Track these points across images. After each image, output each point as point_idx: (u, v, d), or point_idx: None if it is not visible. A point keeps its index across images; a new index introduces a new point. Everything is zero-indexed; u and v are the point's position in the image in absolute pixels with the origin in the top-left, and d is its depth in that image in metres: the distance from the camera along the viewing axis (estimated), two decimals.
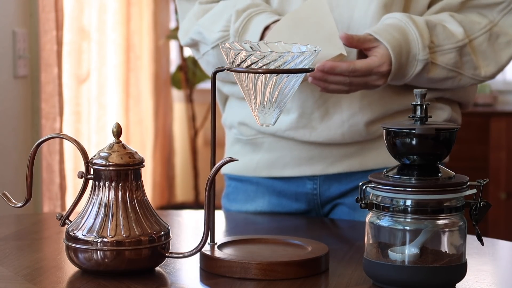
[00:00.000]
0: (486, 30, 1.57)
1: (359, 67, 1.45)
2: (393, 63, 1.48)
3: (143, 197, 1.24)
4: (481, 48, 1.57)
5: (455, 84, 1.58)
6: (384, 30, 1.49)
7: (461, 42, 1.54)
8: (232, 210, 1.73)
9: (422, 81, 1.54)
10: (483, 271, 1.29)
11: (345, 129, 1.58)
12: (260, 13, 1.55)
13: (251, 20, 1.55)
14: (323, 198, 1.66)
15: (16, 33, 2.69)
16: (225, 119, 1.73)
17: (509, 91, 4.79)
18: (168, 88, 4.65)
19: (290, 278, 1.21)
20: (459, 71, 1.55)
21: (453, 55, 1.54)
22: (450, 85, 1.58)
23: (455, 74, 1.55)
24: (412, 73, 1.51)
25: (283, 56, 1.19)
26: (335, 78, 1.45)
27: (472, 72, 1.57)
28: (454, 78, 1.56)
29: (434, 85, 1.57)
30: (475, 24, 1.57)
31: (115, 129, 1.24)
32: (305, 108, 1.59)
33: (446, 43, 1.53)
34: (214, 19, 1.60)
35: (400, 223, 1.15)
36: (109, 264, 1.20)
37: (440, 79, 1.55)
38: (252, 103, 1.24)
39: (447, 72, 1.54)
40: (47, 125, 2.86)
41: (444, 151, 1.17)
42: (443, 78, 1.55)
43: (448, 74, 1.55)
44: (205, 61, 1.65)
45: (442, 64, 1.53)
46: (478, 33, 1.57)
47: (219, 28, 1.58)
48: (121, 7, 3.99)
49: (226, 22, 1.57)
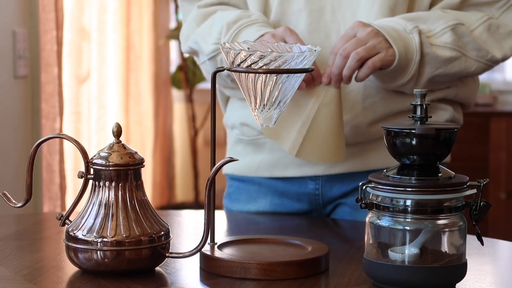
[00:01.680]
0: (483, 21, 1.57)
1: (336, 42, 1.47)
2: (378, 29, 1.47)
3: (143, 197, 1.24)
4: (482, 37, 1.56)
5: (463, 68, 1.55)
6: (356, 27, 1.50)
7: (452, 21, 1.53)
8: (234, 210, 1.73)
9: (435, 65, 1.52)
10: (483, 271, 1.29)
11: (348, 130, 1.58)
12: (250, 25, 1.55)
13: (240, 33, 1.55)
14: (325, 198, 1.66)
15: (16, 33, 2.69)
16: (227, 119, 1.73)
17: (509, 91, 4.79)
18: (168, 88, 4.65)
19: (290, 278, 1.21)
20: (462, 51, 1.54)
21: (448, 34, 1.53)
22: (458, 68, 1.55)
23: (459, 54, 1.54)
24: (415, 44, 1.50)
25: (283, 56, 1.19)
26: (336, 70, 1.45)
27: (475, 53, 1.55)
28: (459, 58, 1.54)
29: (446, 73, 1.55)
30: (471, 16, 1.57)
31: (115, 129, 1.24)
32: None
33: (437, 26, 1.53)
34: (209, 30, 1.60)
35: (400, 223, 1.15)
36: (109, 264, 1.20)
37: (447, 58, 1.53)
38: (252, 103, 1.24)
39: (450, 51, 1.53)
40: (47, 125, 2.86)
41: (444, 151, 1.17)
42: (448, 57, 1.53)
43: (452, 53, 1.53)
44: (204, 69, 1.65)
45: (441, 44, 1.52)
46: (476, 23, 1.56)
47: (213, 40, 1.59)
48: (121, 7, 3.99)
49: (218, 34, 1.58)
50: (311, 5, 1.57)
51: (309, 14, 1.57)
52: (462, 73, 1.57)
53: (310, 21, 1.57)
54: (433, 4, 1.59)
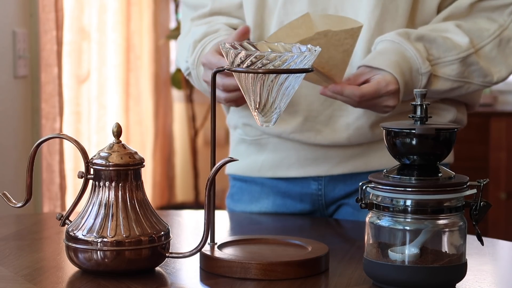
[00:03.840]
0: (495, 36, 1.56)
1: (366, 91, 1.44)
2: (399, 80, 1.46)
3: (143, 197, 1.24)
4: (491, 55, 1.56)
5: (464, 92, 1.57)
6: (377, 58, 1.49)
7: (464, 52, 1.53)
8: (237, 210, 1.73)
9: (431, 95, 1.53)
10: (483, 271, 1.29)
11: (350, 132, 1.58)
12: (213, 40, 1.56)
13: (204, 50, 1.57)
14: (328, 199, 1.66)
15: (16, 33, 2.69)
16: (230, 119, 1.73)
17: (509, 91, 4.79)
18: (168, 88, 4.65)
19: (290, 278, 1.21)
20: (466, 80, 1.54)
21: (455, 66, 1.52)
22: (458, 93, 1.57)
23: (461, 83, 1.54)
24: (419, 86, 1.50)
25: (283, 56, 1.19)
26: (343, 99, 1.45)
27: (481, 79, 1.56)
28: (461, 87, 1.55)
29: (442, 96, 1.56)
30: (483, 32, 1.55)
31: (115, 129, 1.24)
32: (310, 111, 1.59)
33: (447, 55, 1.52)
34: (183, 48, 1.65)
35: (400, 223, 1.15)
36: (109, 264, 1.20)
37: (445, 90, 1.54)
38: (252, 103, 1.24)
39: (451, 83, 1.53)
40: (47, 125, 2.86)
41: (444, 151, 1.17)
42: (448, 89, 1.54)
43: (453, 84, 1.54)
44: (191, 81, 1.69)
45: (444, 76, 1.52)
46: (487, 39, 1.55)
47: (184, 58, 1.63)
48: (121, 7, 3.99)
49: (187, 52, 1.62)
50: (314, 6, 1.57)
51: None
52: (461, 95, 1.59)
53: None
54: (441, 7, 1.58)
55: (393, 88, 1.46)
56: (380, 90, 1.45)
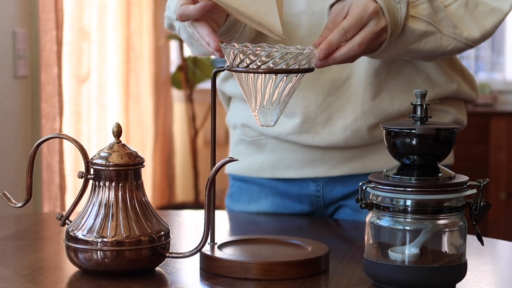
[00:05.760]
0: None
1: (348, 24, 1.31)
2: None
3: (143, 197, 1.24)
4: (458, 13, 1.50)
5: (439, 45, 1.48)
6: None
7: None
8: (236, 210, 1.73)
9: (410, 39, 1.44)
10: (483, 271, 1.29)
11: (348, 134, 1.58)
12: None
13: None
14: (326, 200, 1.66)
15: (16, 33, 2.69)
16: (229, 119, 1.73)
17: (509, 91, 4.79)
18: (168, 88, 4.65)
19: (290, 278, 1.21)
20: (437, 27, 1.47)
21: (425, 6, 1.45)
22: (433, 45, 1.47)
23: (434, 29, 1.46)
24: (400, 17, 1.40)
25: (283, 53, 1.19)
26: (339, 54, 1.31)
27: (452, 30, 1.49)
28: (434, 34, 1.46)
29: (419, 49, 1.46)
30: None
31: (115, 129, 1.24)
32: (308, 113, 1.59)
33: None
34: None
35: (400, 223, 1.15)
36: (109, 264, 1.20)
37: (422, 32, 1.44)
38: (252, 103, 1.24)
39: (425, 25, 1.45)
40: (47, 125, 2.86)
41: (444, 151, 1.17)
42: (423, 31, 1.45)
43: (427, 27, 1.45)
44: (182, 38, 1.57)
45: (417, 15, 1.44)
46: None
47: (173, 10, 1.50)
48: (121, 7, 3.99)
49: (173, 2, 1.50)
50: (312, 7, 1.56)
51: (310, 16, 1.56)
52: (437, 51, 1.49)
53: (311, 24, 1.56)
54: None
55: (373, 6, 1.34)
56: (361, 16, 1.33)
